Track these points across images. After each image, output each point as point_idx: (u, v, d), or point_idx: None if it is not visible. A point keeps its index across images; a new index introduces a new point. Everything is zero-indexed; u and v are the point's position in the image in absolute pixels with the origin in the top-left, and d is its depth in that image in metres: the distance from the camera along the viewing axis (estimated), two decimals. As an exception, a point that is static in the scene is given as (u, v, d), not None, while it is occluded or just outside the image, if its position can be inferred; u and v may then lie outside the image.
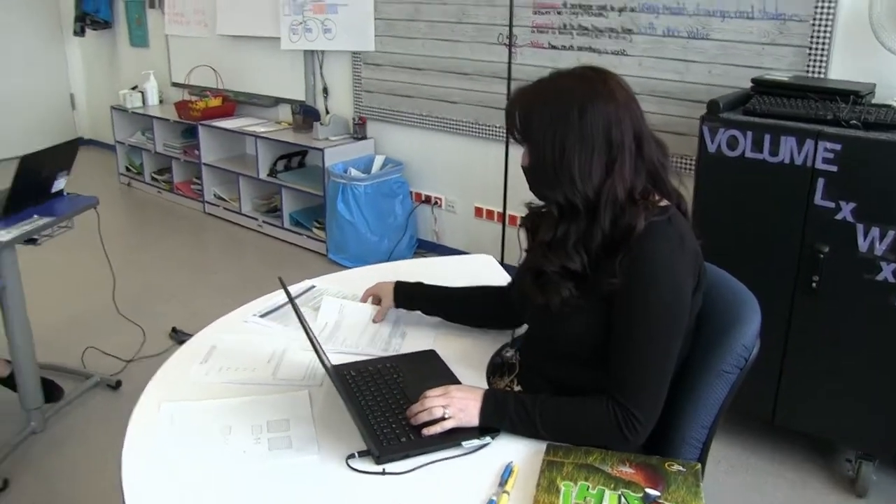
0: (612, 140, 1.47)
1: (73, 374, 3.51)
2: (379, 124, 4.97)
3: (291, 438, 1.55)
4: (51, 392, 3.27)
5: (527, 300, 1.65)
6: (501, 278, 2.27)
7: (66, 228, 3.12)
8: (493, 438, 1.51)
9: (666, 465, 1.41)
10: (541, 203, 1.67)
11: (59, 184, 3.22)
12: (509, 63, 4.16)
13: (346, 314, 2.09)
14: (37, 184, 3.09)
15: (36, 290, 3.21)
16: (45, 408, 3.18)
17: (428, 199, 4.85)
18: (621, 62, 3.74)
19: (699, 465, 1.43)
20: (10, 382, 3.20)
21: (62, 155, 3.23)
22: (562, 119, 1.47)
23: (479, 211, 4.63)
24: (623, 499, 1.32)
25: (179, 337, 3.80)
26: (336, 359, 1.80)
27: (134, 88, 6.54)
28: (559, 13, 3.94)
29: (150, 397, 1.72)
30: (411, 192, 4.86)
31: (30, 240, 2.96)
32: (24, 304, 3.04)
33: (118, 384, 3.43)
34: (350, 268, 4.49)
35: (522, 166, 1.61)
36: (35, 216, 2.99)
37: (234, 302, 2.19)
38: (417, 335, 1.97)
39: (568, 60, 3.93)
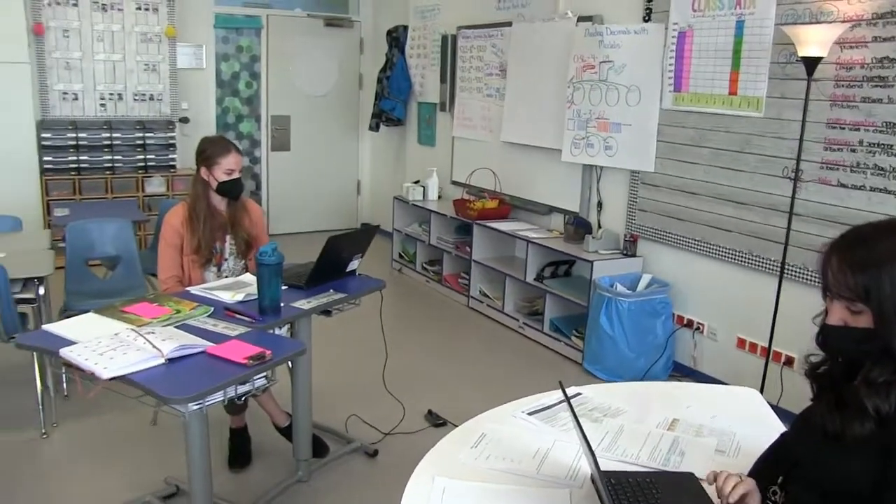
0: None
1: (337, 437, 3.82)
2: (649, 243, 5.02)
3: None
4: (318, 448, 3.61)
5: (803, 435, 1.64)
6: (765, 415, 2.23)
7: (353, 305, 3.47)
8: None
9: None
10: (824, 355, 1.66)
11: (354, 264, 3.58)
12: (792, 198, 4.07)
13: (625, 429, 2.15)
14: (336, 262, 3.48)
15: (318, 356, 3.57)
16: (312, 461, 3.50)
17: (690, 323, 4.79)
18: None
19: None
20: (287, 432, 3.58)
21: (361, 239, 3.63)
22: None
23: (741, 342, 4.50)
24: None
25: (434, 419, 4.02)
26: (611, 467, 1.87)
27: (416, 182, 7.11)
28: (853, 150, 3.83)
29: (425, 469, 1.88)
30: (674, 314, 4.83)
31: (324, 311, 3.32)
32: (310, 367, 3.40)
33: (375, 453, 3.68)
34: (604, 380, 4.56)
35: (832, 324, 1.57)
36: (331, 291, 3.35)
37: (489, 395, 2.33)
38: (695, 455, 1.99)
39: (858, 201, 3.79)
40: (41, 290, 3.93)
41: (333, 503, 3.31)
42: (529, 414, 2.23)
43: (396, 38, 7.80)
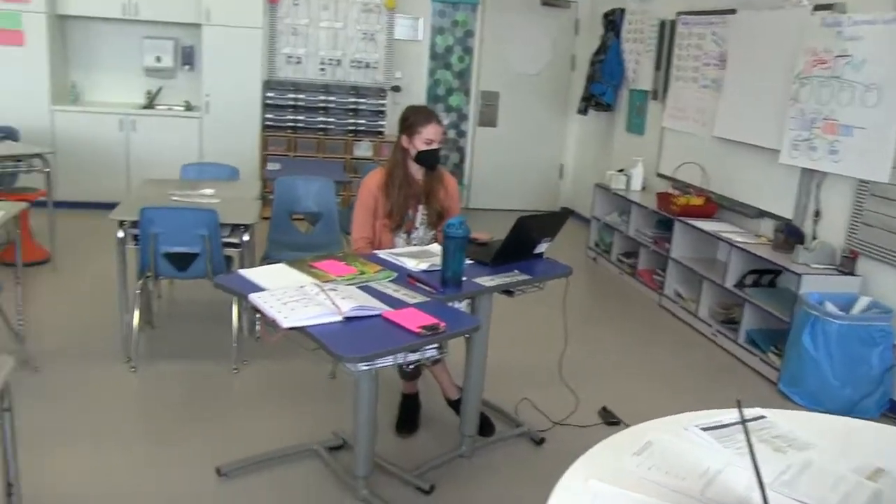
0: None
1: (505, 419, 3.78)
2: (872, 263, 4.51)
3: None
4: (485, 426, 3.58)
5: None
6: None
7: (537, 288, 3.39)
8: None
9: None
10: None
11: (542, 247, 3.50)
12: None
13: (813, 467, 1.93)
14: (524, 243, 3.41)
15: (496, 335, 3.52)
16: (477, 438, 3.48)
17: (914, 360, 4.26)
18: None
19: None
20: (456, 406, 3.58)
21: (552, 223, 3.53)
22: None
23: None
24: None
25: (608, 417, 3.87)
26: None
27: (620, 171, 6.90)
28: None
29: (580, 469, 1.77)
30: (894, 346, 4.31)
31: (506, 291, 3.27)
32: (486, 344, 3.37)
33: (542, 441, 3.60)
34: (801, 406, 4.21)
35: None
36: (516, 271, 3.29)
37: (669, 401, 2.19)
38: None
39: None
40: (246, 237, 4.14)
41: (491, 484, 3.28)
42: (704, 429, 2.06)
43: (613, 22, 7.57)
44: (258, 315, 2.85)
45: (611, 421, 3.82)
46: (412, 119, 3.55)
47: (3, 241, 5.13)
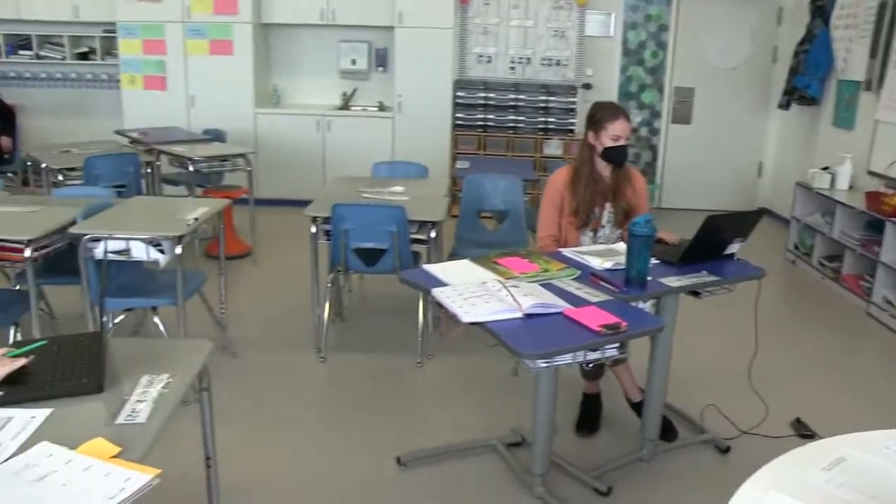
0: None
1: (690, 424, 3.65)
2: None
3: None
4: (667, 431, 3.48)
5: None
6: None
7: (726, 290, 3.24)
8: None
9: None
10: None
11: (733, 248, 3.35)
12: None
13: None
14: (713, 243, 3.28)
15: (682, 337, 3.41)
16: (658, 443, 3.40)
17: None
18: None
19: None
20: (638, 408, 3.51)
21: (744, 223, 3.36)
22: None
23: None
24: None
25: (802, 429, 3.65)
26: None
27: (824, 169, 6.46)
28: None
29: (763, 479, 1.70)
30: None
31: (693, 292, 3.16)
32: (670, 346, 3.27)
33: (727, 450, 3.45)
34: None
35: None
36: (704, 272, 3.16)
37: (870, 417, 2.04)
38: None
39: None
40: (433, 234, 4.26)
41: (671, 490, 3.18)
42: (907, 448, 1.90)
43: (821, 8, 7.08)
44: (437, 309, 2.92)
45: (804, 433, 3.59)
46: (599, 115, 3.51)
47: (208, 236, 5.58)
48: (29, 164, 6.19)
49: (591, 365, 2.99)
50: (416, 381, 4.14)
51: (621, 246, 3.35)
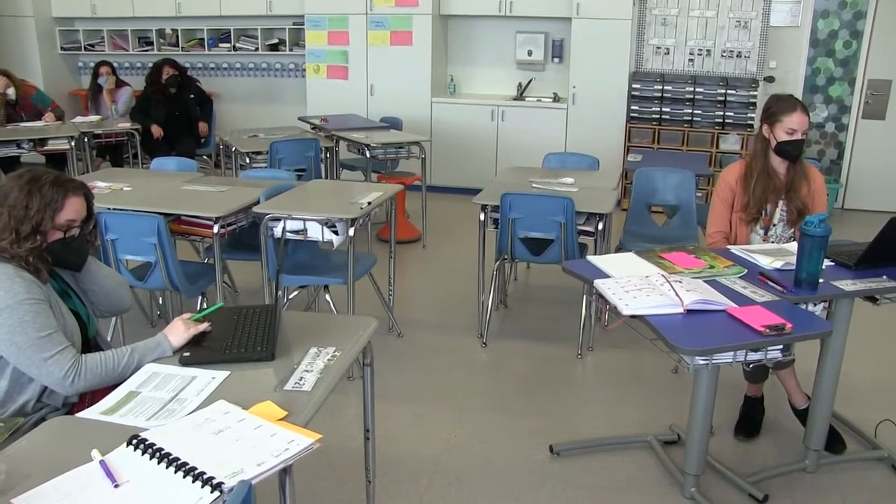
0: None
1: (861, 439, 3.46)
2: None
3: None
4: (834, 442, 3.32)
5: None
6: None
7: (910, 296, 3.07)
8: None
9: None
10: None
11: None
12: None
13: None
14: (896, 247, 3.10)
15: (855, 343, 3.24)
16: (823, 454, 3.25)
17: None
18: None
19: None
20: (803, 415, 3.37)
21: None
22: None
23: None
24: None
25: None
26: None
27: None
28: None
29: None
30: None
31: (870, 298, 3.01)
32: (841, 353, 3.13)
33: (902, 467, 3.27)
34: None
35: None
36: (884, 277, 3.00)
37: None
38: None
39: None
40: (600, 226, 4.26)
41: (835, 504, 3.06)
42: None
43: None
44: (599, 301, 2.94)
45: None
46: (775, 107, 3.40)
47: (381, 220, 5.83)
48: (221, 147, 6.71)
49: (752, 366, 2.91)
50: (576, 372, 4.17)
51: (793, 246, 3.23)
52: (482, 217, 4.35)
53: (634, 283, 2.73)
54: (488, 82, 8.34)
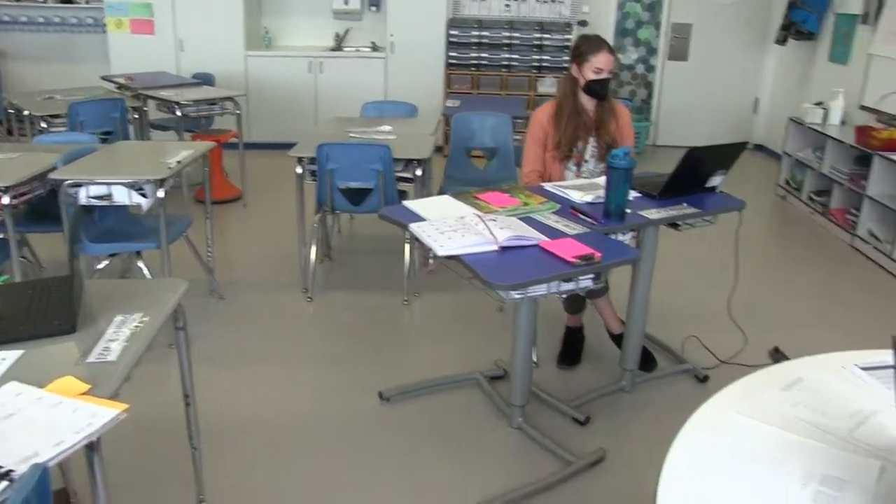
0: None
1: (669, 354, 3.73)
2: None
3: (840, 501, 1.42)
4: (647, 361, 3.55)
5: None
6: None
7: (707, 223, 3.27)
8: None
9: None
10: None
11: (715, 180, 3.36)
12: None
13: None
14: (695, 176, 3.29)
15: (662, 269, 3.44)
16: (638, 373, 3.46)
17: None
18: None
19: None
20: (619, 340, 3.56)
21: (726, 155, 3.37)
22: None
23: None
24: None
25: (779, 358, 3.71)
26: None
27: (818, 104, 6.42)
28: None
29: (722, 400, 1.75)
30: None
31: (673, 224, 3.19)
32: (650, 278, 3.31)
33: (706, 378, 3.52)
34: None
35: None
36: (685, 204, 3.19)
37: (847, 344, 2.06)
38: None
39: None
40: (419, 172, 4.27)
41: (648, 418, 3.25)
42: (864, 369, 1.95)
43: (820, -60, 6.97)
44: (419, 245, 2.95)
45: (781, 361, 3.64)
46: (582, 47, 3.49)
47: (197, 181, 5.58)
48: (11, 111, 6.11)
49: (568, 297, 3.03)
50: (403, 318, 4.20)
51: (603, 180, 3.36)
52: (299, 170, 4.25)
53: (450, 225, 2.75)
54: (305, 34, 8.13)
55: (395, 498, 2.74)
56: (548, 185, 3.34)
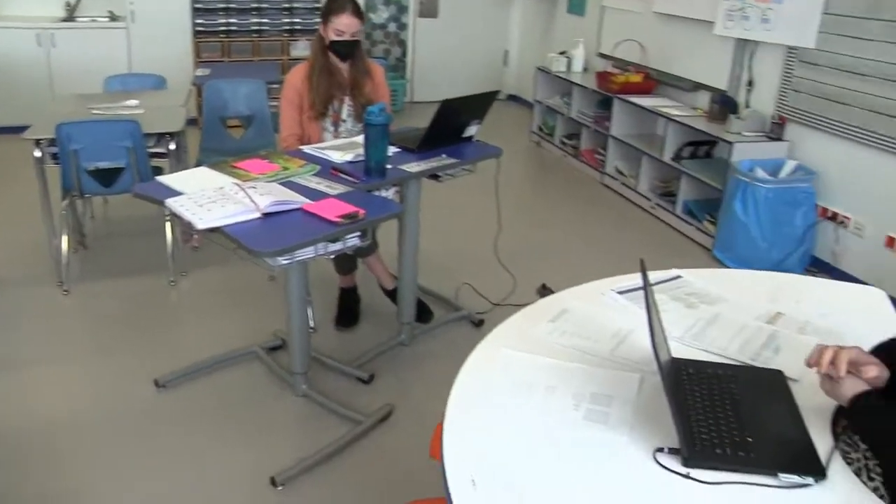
0: None
1: (445, 304, 3.83)
2: (799, 128, 4.58)
3: (609, 415, 1.53)
4: (423, 313, 3.63)
5: None
6: (888, 319, 1.99)
7: (468, 172, 3.38)
8: (815, 482, 1.34)
9: None
10: None
11: (471, 130, 3.46)
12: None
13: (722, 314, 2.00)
14: (451, 127, 3.37)
15: (430, 222, 3.51)
16: (416, 326, 3.53)
17: (834, 217, 4.39)
18: None
19: None
20: (393, 295, 3.61)
21: (479, 104, 3.46)
22: None
23: (891, 241, 4.09)
24: None
25: (547, 294, 3.90)
26: (695, 356, 1.74)
27: (562, 53, 6.80)
28: None
29: (494, 340, 1.81)
30: (817, 206, 4.43)
31: (434, 175, 3.25)
32: (417, 231, 3.36)
33: (481, 322, 3.66)
34: (731, 268, 4.30)
35: None
36: (443, 155, 3.26)
37: (606, 273, 2.20)
38: (790, 353, 1.77)
39: None
40: (172, 146, 4.05)
41: (432, 368, 3.33)
42: (619, 293, 2.10)
43: None
44: (175, 220, 2.80)
45: (548, 296, 3.86)
46: (328, 7, 3.43)
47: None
48: None
49: (338, 257, 3.01)
50: (171, 300, 3.99)
51: (361, 138, 3.35)
52: (38, 153, 3.89)
53: (208, 196, 2.63)
54: (30, 2, 7.38)
55: (187, 484, 2.63)
56: (307, 148, 3.29)
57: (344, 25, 3.36)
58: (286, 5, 7.42)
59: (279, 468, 2.64)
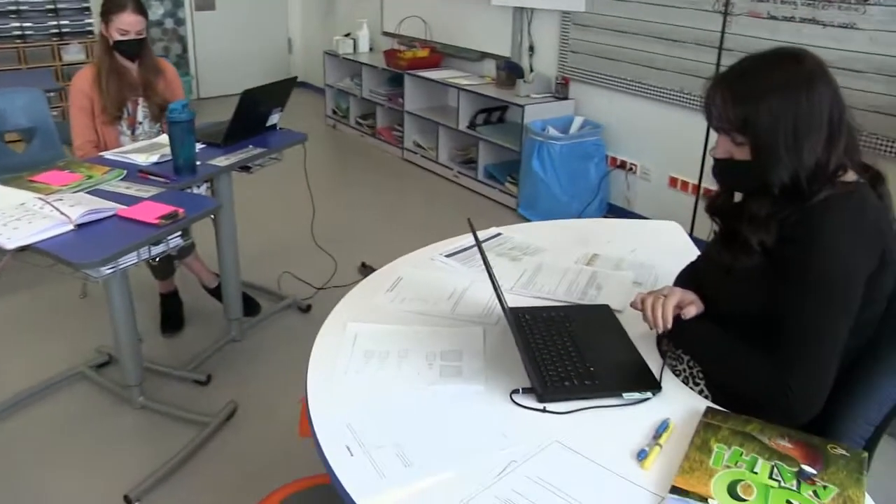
0: (832, 119, 1.47)
1: (270, 295, 3.83)
2: (581, 86, 4.94)
3: (462, 369, 1.64)
4: (250, 307, 3.62)
5: (711, 265, 1.68)
6: (686, 247, 2.26)
7: (275, 160, 3.39)
8: (653, 395, 1.54)
9: (829, 446, 1.37)
10: (721, 189, 1.71)
11: (274, 119, 3.47)
12: (722, 32, 3.99)
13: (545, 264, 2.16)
14: (254, 117, 3.36)
15: (245, 214, 3.49)
16: (245, 320, 3.51)
17: (623, 165, 4.80)
18: (849, 37, 3.48)
19: (866, 454, 1.36)
20: (217, 293, 3.57)
21: (279, 92, 3.47)
22: (791, 104, 1.45)
23: (673, 181, 4.53)
24: (776, 470, 1.30)
25: (367, 271, 3.99)
26: (528, 303, 1.90)
27: (347, 35, 6.86)
28: (782, -20, 3.74)
29: (339, 316, 1.88)
30: (607, 156, 4.82)
31: (244, 167, 3.24)
32: (234, 225, 3.34)
33: (308, 308, 3.70)
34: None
35: (718, 157, 1.59)
36: (250, 146, 3.26)
37: (422, 244, 2.31)
38: (612, 288, 2.00)
39: (787, 33, 3.72)
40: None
41: (268, 360, 3.34)
42: (447, 256, 2.23)
43: None
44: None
45: (370, 274, 3.95)
46: (107, 6, 3.30)
47: None
48: None
49: (158, 262, 2.94)
50: (-26, 330, 3.71)
51: (164, 138, 3.28)
52: None
53: (10, 214, 2.49)
54: None
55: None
56: (108, 154, 3.16)
57: (127, 24, 3.25)
58: (50, 6, 6.96)
59: (131, 485, 2.56)
